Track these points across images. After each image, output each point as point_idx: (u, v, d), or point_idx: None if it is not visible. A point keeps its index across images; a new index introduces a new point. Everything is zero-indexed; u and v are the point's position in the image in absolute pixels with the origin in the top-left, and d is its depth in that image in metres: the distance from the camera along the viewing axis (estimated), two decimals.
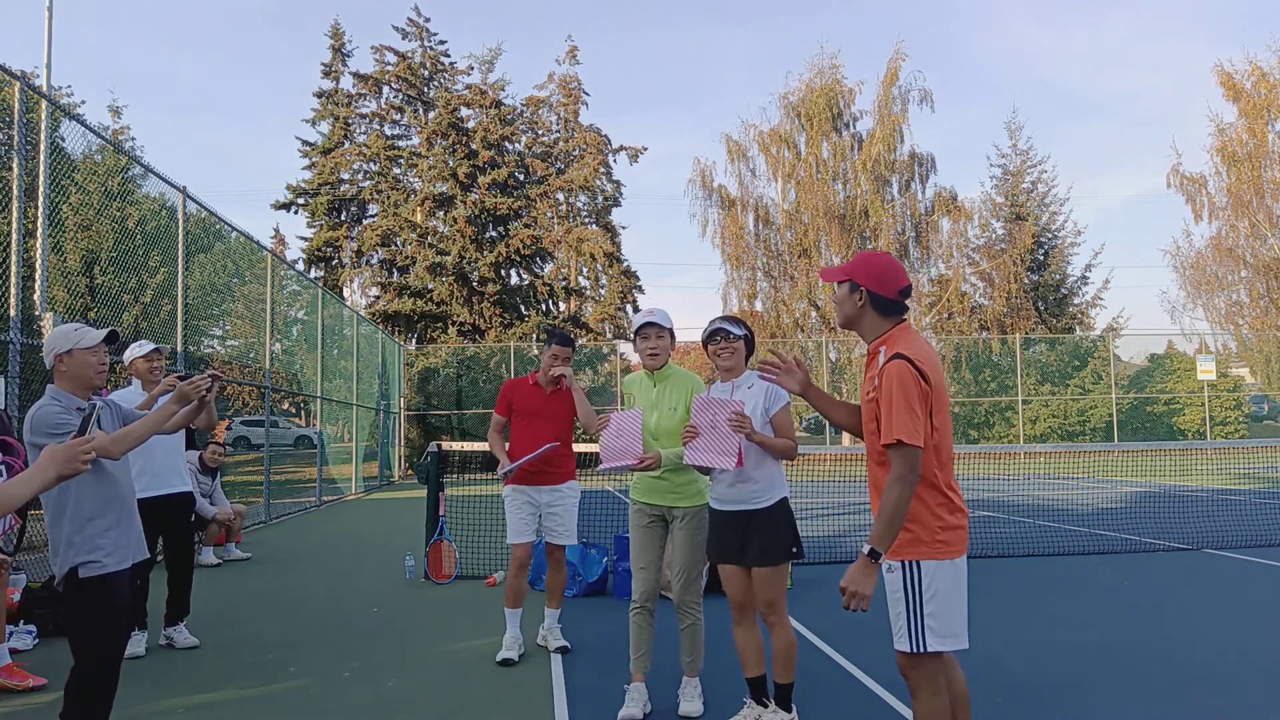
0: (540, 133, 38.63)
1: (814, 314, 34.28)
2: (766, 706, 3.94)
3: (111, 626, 3.25)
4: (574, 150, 38.62)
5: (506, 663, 5.06)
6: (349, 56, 36.85)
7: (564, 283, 35.29)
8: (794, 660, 3.83)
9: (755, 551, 3.80)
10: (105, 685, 3.23)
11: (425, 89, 36.42)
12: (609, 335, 35.57)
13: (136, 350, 5.48)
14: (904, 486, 2.71)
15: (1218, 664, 4.87)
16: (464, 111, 34.21)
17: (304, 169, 36.35)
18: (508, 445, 5.37)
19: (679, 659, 4.46)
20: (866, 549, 2.72)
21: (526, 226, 32.83)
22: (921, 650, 2.79)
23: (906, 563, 2.81)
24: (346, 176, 35.62)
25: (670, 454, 4.13)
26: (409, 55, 36.25)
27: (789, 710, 3.87)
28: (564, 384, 5.30)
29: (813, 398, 3.20)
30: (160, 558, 5.76)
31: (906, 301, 2.97)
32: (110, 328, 3.54)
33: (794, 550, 3.83)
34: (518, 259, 32.88)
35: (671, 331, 4.34)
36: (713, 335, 3.97)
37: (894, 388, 2.76)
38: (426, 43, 36.68)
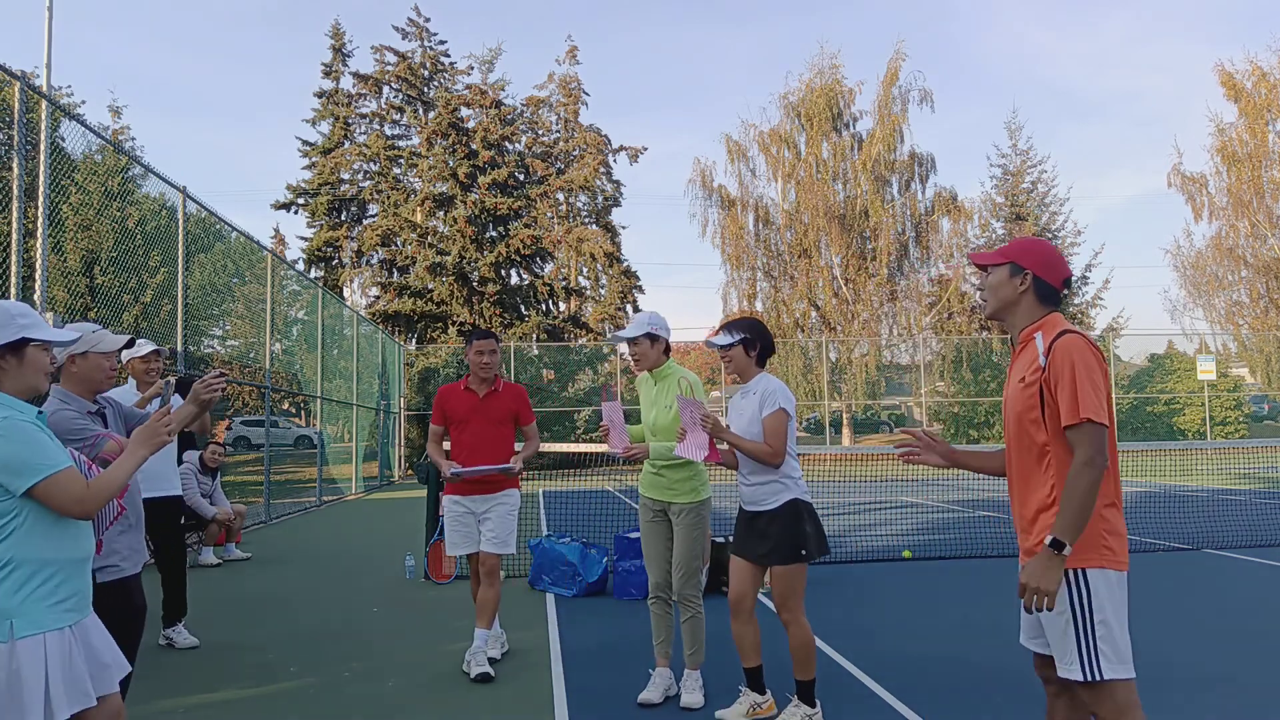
0: (540, 133, 38.65)
1: (814, 314, 34.29)
2: (764, 695, 4.03)
3: (131, 627, 3.27)
4: (574, 150, 38.63)
5: (484, 678, 4.74)
6: (349, 56, 36.87)
7: (564, 283, 35.29)
8: (811, 657, 3.88)
9: (764, 550, 3.90)
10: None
11: (425, 89, 36.43)
12: (609, 335, 35.58)
13: (134, 350, 5.45)
14: (1094, 471, 2.41)
15: (1218, 664, 4.86)
16: (464, 111, 34.21)
17: (304, 169, 36.39)
18: (448, 448, 5.13)
19: (681, 652, 4.49)
20: (1048, 539, 2.41)
21: (526, 226, 32.83)
22: (1097, 678, 2.41)
23: (1072, 571, 2.46)
24: (346, 176, 35.64)
25: (659, 447, 4.29)
26: (409, 55, 36.26)
27: (813, 705, 3.91)
28: (500, 383, 5.07)
29: (962, 461, 2.99)
30: (150, 561, 5.74)
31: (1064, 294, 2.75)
32: (129, 335, 3.54)
33: (803, 552, 3.84)
34: (518, 259, 32.87)
35: (650, 335, 4.39)
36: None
37: (1075, 363, 2.47)
38: (426, 43, 36.68)
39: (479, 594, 4.98)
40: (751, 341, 4.01)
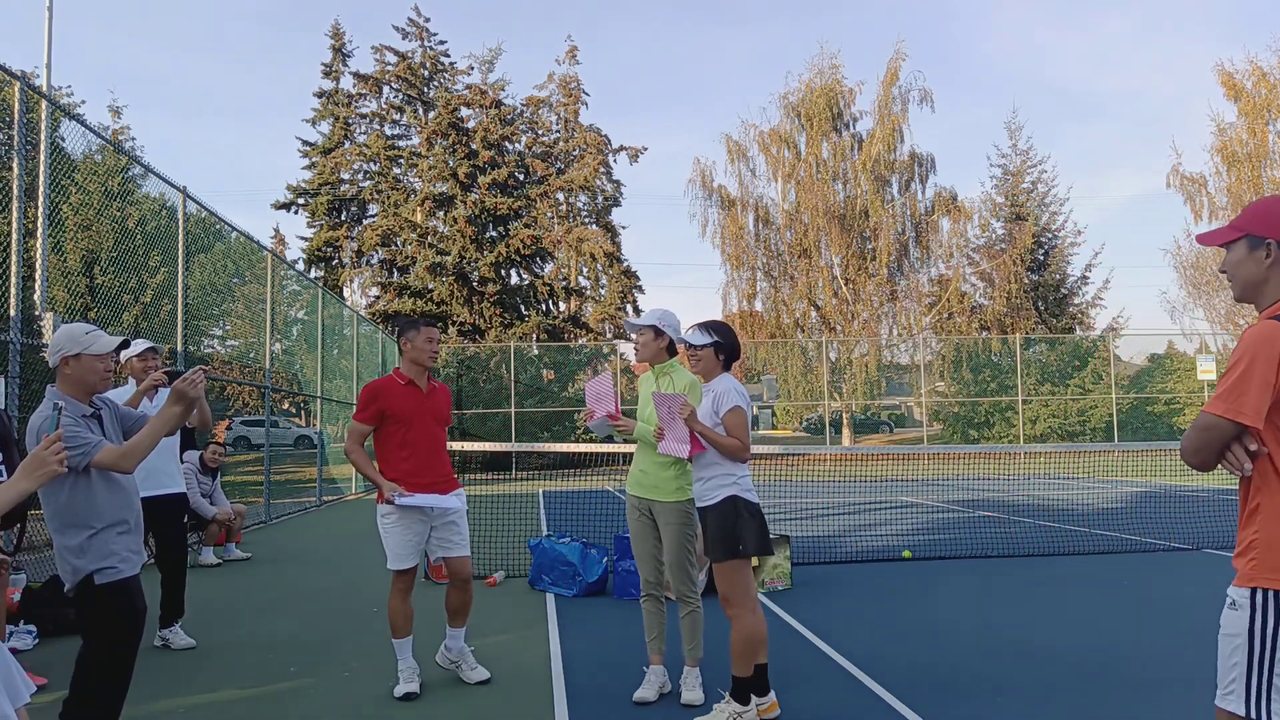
0: (540, 133, 38.63)
1: (814, 314, 34.29)
2: (765, 695, 4.03)
3: (129, 626, 3.26)
4: (574, 150, 38.62)
5: (409, 697, 4.45)
6: (349, 56, 36.90)
7: (564, 283, 35.29)
8: (749, 655, 3.92)
9: (706, 546, 4.03)
10: (118, 685, 3.26)
11: (425, 89, 36.44)
12: (609, 335, 35.58)
13: (131, 350, 5.50)
14: (1185, 454, 2.23)
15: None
16: (464, 111, 34.22)
17: (304, 169, 36.43)
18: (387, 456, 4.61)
19: (675, 650, 4.50)
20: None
21: (526, 226, 32.84)
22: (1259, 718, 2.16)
23: (1259, 592, 2.18)
24: (346, 176, 35.65)
25: (645, 429, 4.36)
26: (409, 55, 36.27)
27: (744, 703, 3.95)
28: (432, 381, 4.67)
29: None
30: (151, 559, 5.74)
31: None
32: (123, 336, 3.51)
33: (739, 548, 3.91)
34: (518, 259, 32.88)
35: (654, 328, 4.42)
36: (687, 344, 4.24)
37: (1252, 355, 2.17)
38: (426, 43, 36.69)
39: (456, 598, 4.68)
40: (723, 345, 4.17)
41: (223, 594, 7.41)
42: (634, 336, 4.50)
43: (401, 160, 35.05)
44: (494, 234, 32.79)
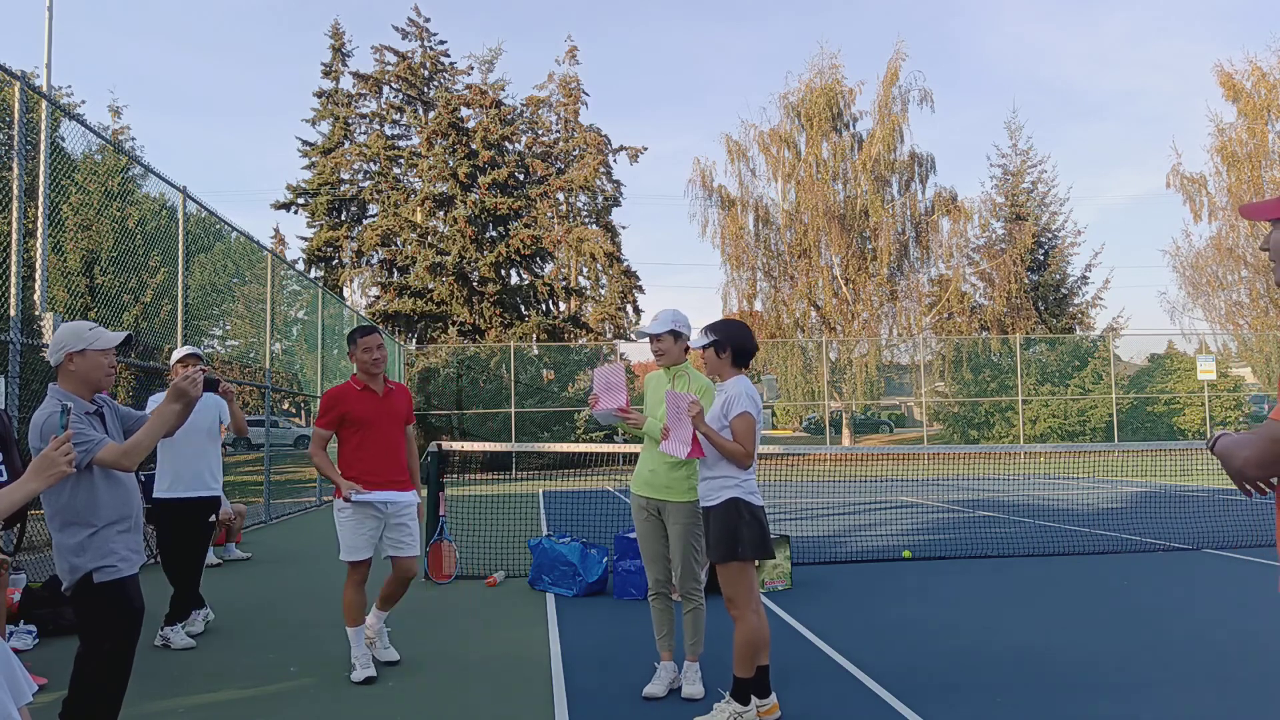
0: (540, 133, 38.63)
1: (814, 314, 34.28)
2: (766, 697, 4.02)
3: (127, 626, 3.27)
4: (574, 150, 38.62)
5: (369, 680, 4.71)
6: (349, 56, 36.91)
7: (564, 283, 35.29)
8: (751, 656, 3.91)
9: (708, 547, 4.04)
10: (117, 684, 3.25)
11: (425, 89, 36.45)
12: (609, 335, 35.58)
13: (175, 355, 5.68)
14: (1263, 468, 1.98)
15: (1218, 664, 4.87)
16: (464, 111, 34.22)
17: (304, 169, 36.44)
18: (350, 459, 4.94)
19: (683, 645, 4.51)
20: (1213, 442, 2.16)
21: (526, 226, 32.84)
22: None
23: None
24: (346, 176, 35.66)
25: (655, 424, 4.36)
26: (409, 55, 36.28)
27: (744, 703, 3.95)
28: (388, 381, 4.94)
29: None
30: (156, 560, 5.76)
31: None
32: (128, 331, 3.52)
33: (739, 550, 3.90)
34: (518, 259, 32.89)
35: (674, 332, 4.45)
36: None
37: None
38: (426, 43, 36.70)
39: (394, 591, 4.99)
40: (721, 344, 4.09)
41: (222, 594, 7.41)
42: (652, 343, 4.46)
43: (401, 160, 35.06)
44: (494, 234, 32.79)
